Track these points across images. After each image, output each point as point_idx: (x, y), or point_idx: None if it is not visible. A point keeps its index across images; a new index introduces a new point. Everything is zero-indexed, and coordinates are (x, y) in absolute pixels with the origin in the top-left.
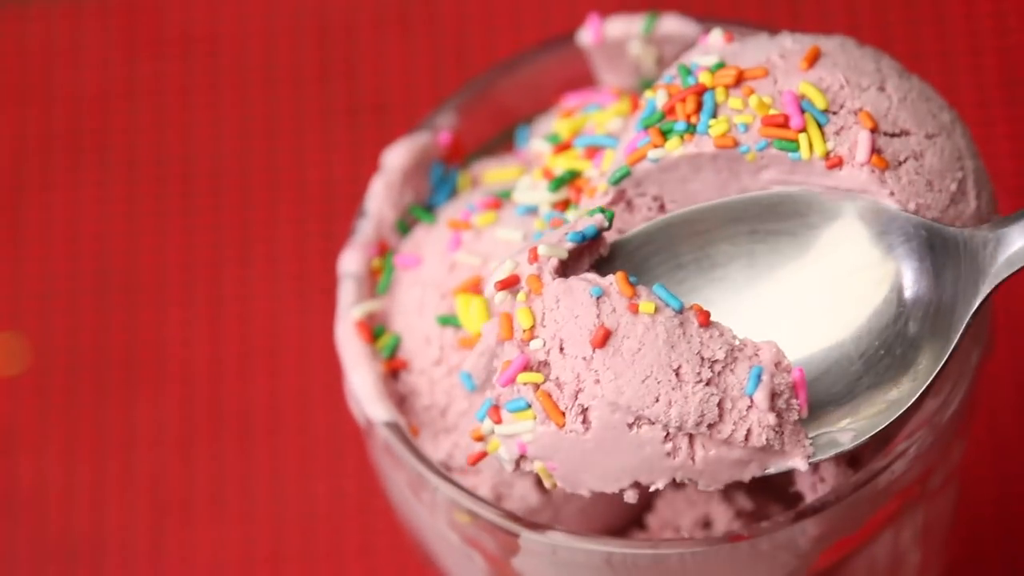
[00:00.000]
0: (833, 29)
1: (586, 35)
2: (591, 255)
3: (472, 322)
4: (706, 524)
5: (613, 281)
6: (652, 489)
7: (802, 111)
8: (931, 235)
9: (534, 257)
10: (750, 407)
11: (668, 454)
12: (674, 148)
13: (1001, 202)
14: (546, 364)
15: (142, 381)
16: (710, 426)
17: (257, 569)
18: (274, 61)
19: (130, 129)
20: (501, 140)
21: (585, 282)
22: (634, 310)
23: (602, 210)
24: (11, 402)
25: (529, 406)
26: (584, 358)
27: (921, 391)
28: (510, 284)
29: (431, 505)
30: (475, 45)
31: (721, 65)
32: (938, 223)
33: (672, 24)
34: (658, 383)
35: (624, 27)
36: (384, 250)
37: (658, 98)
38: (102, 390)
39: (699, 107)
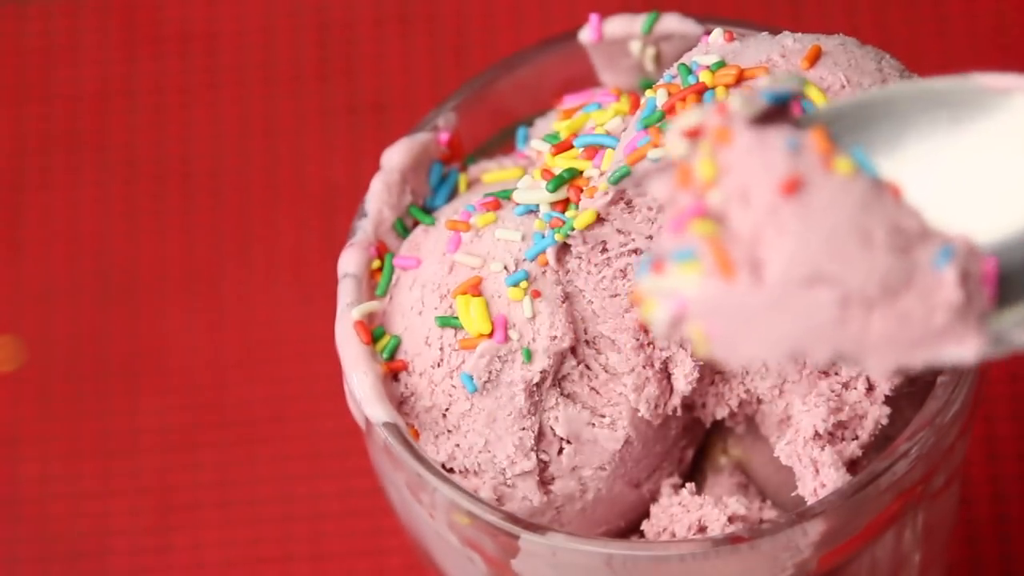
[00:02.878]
0: (833, 29)
1: (586, 35)
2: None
3: (472, 323)
4: (701, 529)
5: (811, 135)
6: (808, 361)
7: (803, 111)
8: None
9: (723, 111)
10: (937, 284)
11: (841, 322)
12: None
13: None
14: (724, 215)
15: (144, 380)
16: (891, 296)
17: (265, 570)
18: (273, 60)
19: (129, 128)
20: (501, 140)
21: (780, 133)
22: (830, 167)
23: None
24: (13, 403)
25: (697, 257)
26: (768, 208)
27: None
28: (695, 134)
29: (430, 506)
30: (475, 45)
31: (722, 64)
32: None
33: (673, 23)
34: (846, 242)
35: (624, 26)
36: (383, 251)
37: (659, 97)
38: (105, 390)
39: None
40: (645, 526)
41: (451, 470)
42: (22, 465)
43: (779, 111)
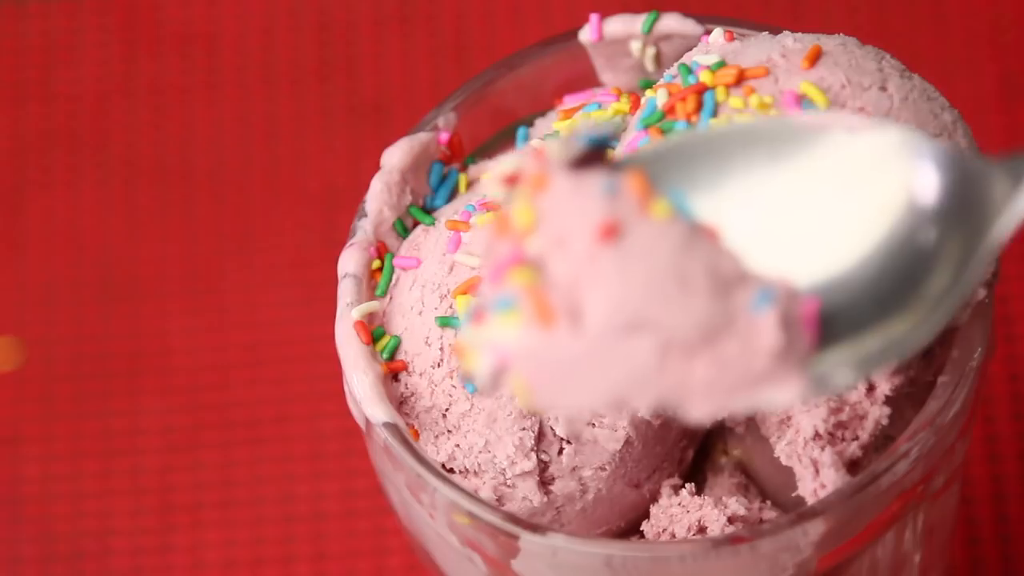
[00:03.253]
0: (833, 29)
1: (586, 34)
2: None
3: None
4: (701, 530)
5: (628, 178)
6: (634, 412)
7: (803, 111)
8: (959, 160)
9: (540, 156)
10: (757, 328)
11: (662, 368)
12: None
13: None
14: (542, 262)
15: (146, 380)
16: (711, 341)
17: (266, 570)
18: (273, 60)
19: (129, 128)
20: (501, 140)
21: (597, 177)
22: (647, 211)
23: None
24: (15, 403)
25: (516, 306)
26: (586, 254)
27: (928, 335)
28: (512, 181)
29: (430, 507)
30: (475, 45)
31: (722, 64)
32: (968, 153)
33: (673, 23)
34: (664, 288)
35: (625, 26)
36: (383, 251)
37: (658, 97)
38: (106, 390)
39: (699, 106)
40: (645, 526)
41: (451, 470)
42: (24, 465)
43: (597, 155)
